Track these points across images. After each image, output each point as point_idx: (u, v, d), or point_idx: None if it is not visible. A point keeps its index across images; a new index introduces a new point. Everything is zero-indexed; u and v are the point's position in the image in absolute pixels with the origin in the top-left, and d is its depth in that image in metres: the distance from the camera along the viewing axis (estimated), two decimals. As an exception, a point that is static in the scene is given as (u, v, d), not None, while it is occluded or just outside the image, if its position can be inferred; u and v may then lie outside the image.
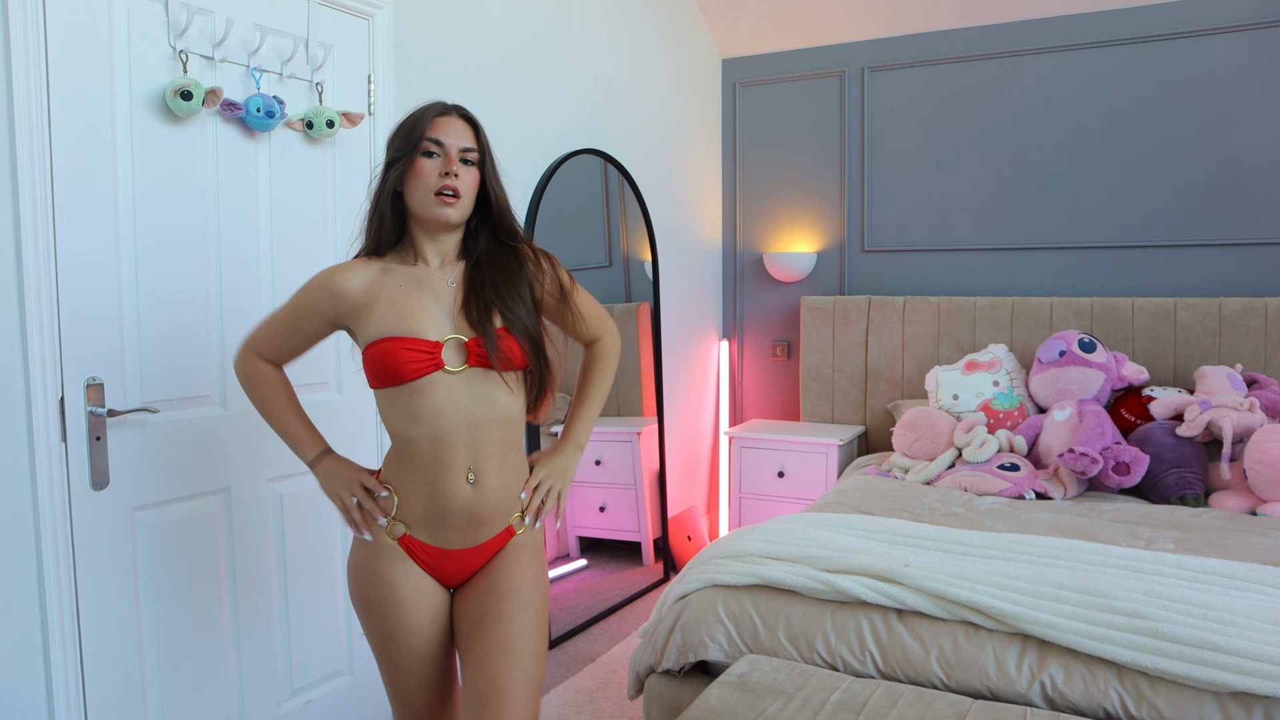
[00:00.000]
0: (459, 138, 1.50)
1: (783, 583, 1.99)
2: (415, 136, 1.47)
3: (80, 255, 1.80)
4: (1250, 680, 1.55)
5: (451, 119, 1.51)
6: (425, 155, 1.48)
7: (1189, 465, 2.83)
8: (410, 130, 1.49)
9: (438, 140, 1.48)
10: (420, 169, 1.48)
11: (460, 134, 1.50)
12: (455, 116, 1.52)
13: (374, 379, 1.47)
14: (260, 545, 2.18)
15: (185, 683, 2.02)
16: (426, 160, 1.48)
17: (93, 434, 1.82)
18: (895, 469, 3.21)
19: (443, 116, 1.50)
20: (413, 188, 1.49)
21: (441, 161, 1.48)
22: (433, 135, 1.48)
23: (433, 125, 1.48)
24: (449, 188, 1.47)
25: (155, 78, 1.90)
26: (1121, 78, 3.46)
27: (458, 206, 1.49)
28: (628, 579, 3.59)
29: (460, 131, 1.50)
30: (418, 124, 1.48)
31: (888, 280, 3.93)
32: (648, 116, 3.70)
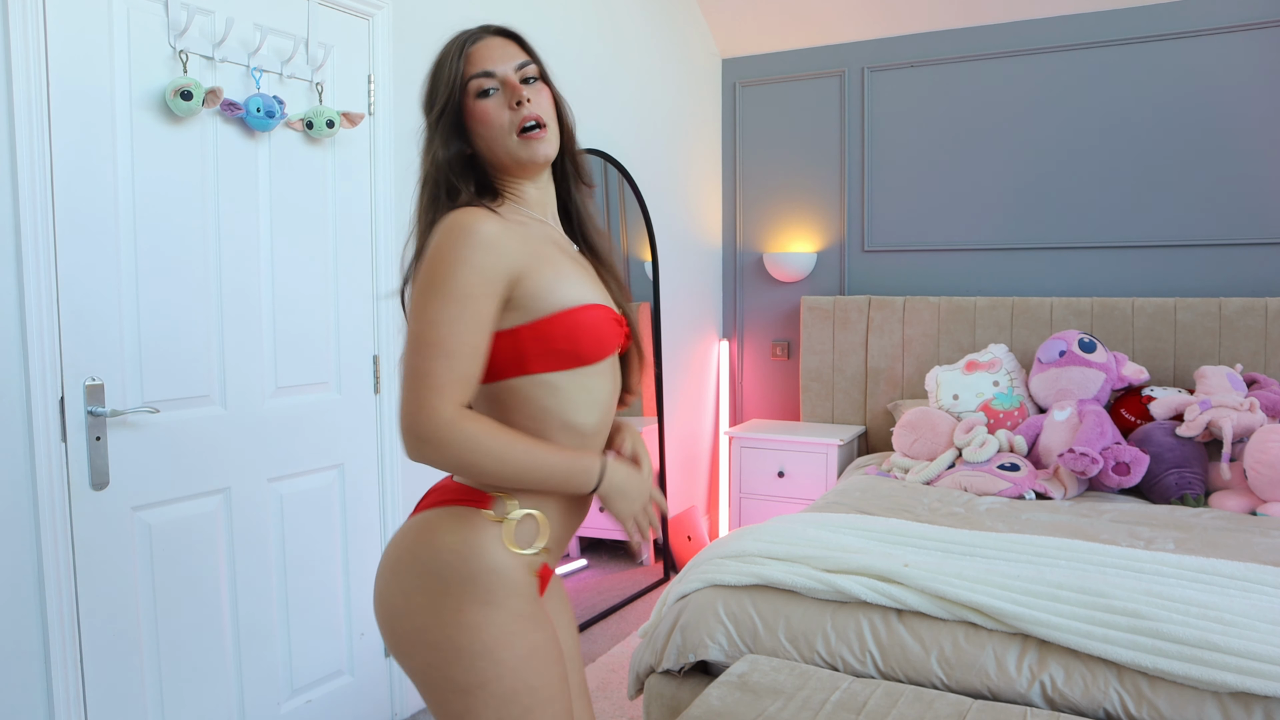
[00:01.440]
0: (508, 58, 1.21)
1: (783, 583, 1.99)
2: (454, 79, 1.19)
3: (80, 255, 1.80)
4: (1250, 680, 1.55)
5: (488, 41, 1.22)
6: (480, 96, 1.20)
7: (1189, 465, 2.83)
8: (444, 75, 1.20)
9: (486, 71, 1.20)
10: (483, 115, 1.19)
11: (507, 53, 1.22)
12: (491, 37, 1.23)
13: (561, 357, 1.16)
14: (260, 545, 2.18)
15: (185, 683, 2.02)
16: (484, 101, 1.20)
17: (93, 434, 1.82)
18: (895, 469, 3.21)
19: (477, 44, 1.21)
20: (484, 140, 1.20)
21: (505, 94, 1.20)
22: (477, 70, 1.19)
23: (469, 59, 1.20)
24: (530, 119, 1.19)
25: (155, 78, 1.90)
26: (1121, 78, 3.46)
27: (548, 137, 1.22)
28: (628, 579, 3.59)
29: (504, 50, 1.22)
30: (451, 66, 1.20)
31: (888, 280, 3.93)
32: (648, 116, 3.70)
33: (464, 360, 1.09)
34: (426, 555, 1.16)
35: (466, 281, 1.09)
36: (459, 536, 1.15)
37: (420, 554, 1.16)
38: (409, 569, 1.16)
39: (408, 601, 1.15)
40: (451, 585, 1.13)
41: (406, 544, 1.18)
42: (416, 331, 1.09)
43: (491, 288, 1.11)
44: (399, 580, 1.16)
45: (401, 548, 1.19)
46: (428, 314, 1.09)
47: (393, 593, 1.16)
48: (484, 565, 1.14)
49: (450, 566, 1.14)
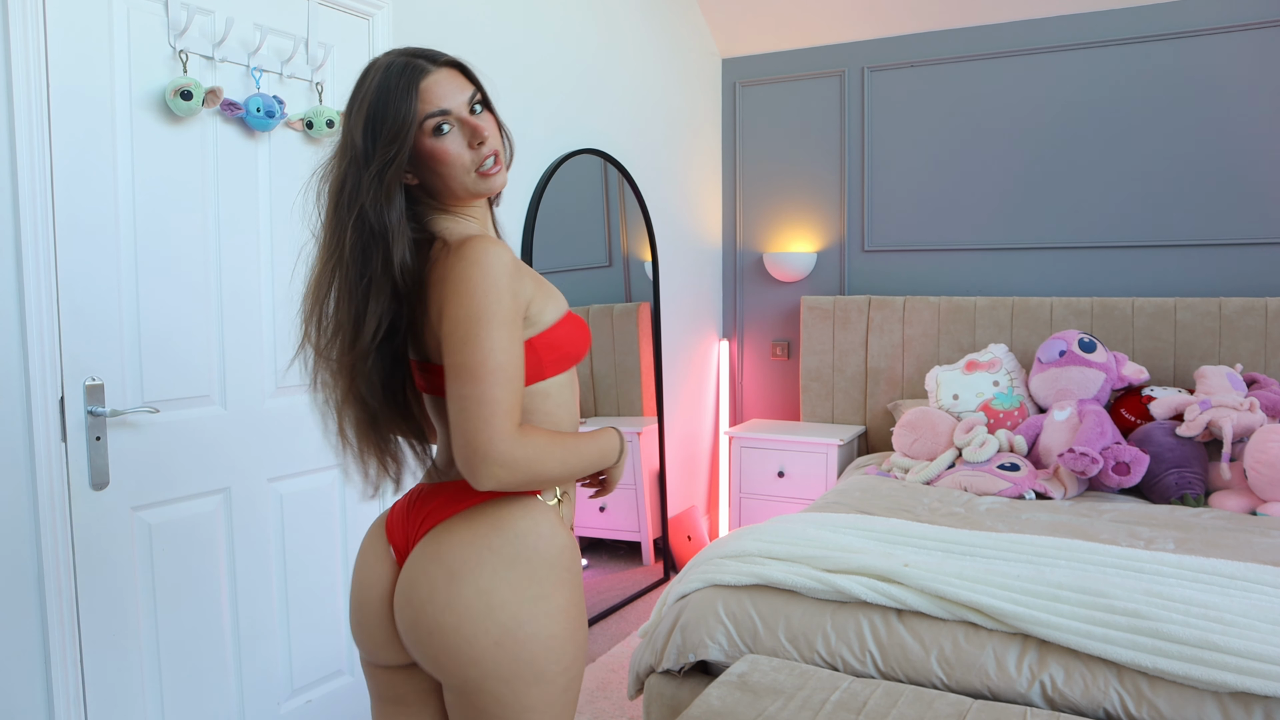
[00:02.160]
0: (458, 91, 1.19)
1: (783, 583, 1.99)
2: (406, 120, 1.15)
3: (80, 255, 1.80)
4: (1250, 680, 1.55)
5: (438, 75, 1.18)
6: (435, 133, 1.17)
7: (1189, 465, 2.83)
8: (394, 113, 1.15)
9: (441, 110, 1.17)
10: (442, 154, 1.18)
11: (456, 86, 1.19)
12: (440, 69, 1.19)
13: (564, 360, 1.24)
14: (260, 545, 2.18)
15: (185, 682, 2.02)
16: (441, 140, 1.17)
17: (93, 434, 1.82)
18: (895, 469, 3.21)
19: (425, 79, 1.17)
20: (440, 176, 1.20)
21: (464, 132, 1.19)
22: (433, 108, 1.16)
23: (422, 96, 1.16)
24: (490, 156, 1.20)
25: (155, 78, 1.90)
26: (1121, 78, 3.46)
27: (502, 167, 1.24)
28: (628, 579, 3.59)
29: (455, 83, 1.20)
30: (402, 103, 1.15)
31: (888, 280, 3.93)
32: (648, 116, 3.70)
33: (518, 382, 1.13)
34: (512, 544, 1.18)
35: (509, 308, 1.13)
36: (531, 521, 1.20)
37: (505, 544, 1.17)
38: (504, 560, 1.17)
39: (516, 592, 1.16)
40: (539, 571, 1.18)
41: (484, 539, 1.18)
42: (475, 361, 1.10)
43: (521, 312, 1.17)
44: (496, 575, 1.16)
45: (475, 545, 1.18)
46: (483, 343, 1.10)
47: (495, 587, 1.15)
48: (559, 546, 1.21)
49: (536, 551, 1.18)
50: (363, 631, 1.28)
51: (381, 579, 1.26)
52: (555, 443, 1.18)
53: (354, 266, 1.16)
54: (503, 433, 1.10)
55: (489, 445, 1.09)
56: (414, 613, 1.17)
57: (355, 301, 1.17)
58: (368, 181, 1.15)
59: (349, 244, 1.16)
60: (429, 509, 1.24)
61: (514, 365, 1.12)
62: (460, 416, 1.10)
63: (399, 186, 1.17)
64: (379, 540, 1.29)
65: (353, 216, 1.15)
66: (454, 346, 1.11)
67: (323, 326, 1.21)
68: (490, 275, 1.12)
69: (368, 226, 1.15)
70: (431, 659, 1.17)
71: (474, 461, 1.10)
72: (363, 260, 1.16)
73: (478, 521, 1.19)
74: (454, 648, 1.15)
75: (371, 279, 1.16)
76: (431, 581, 1.17)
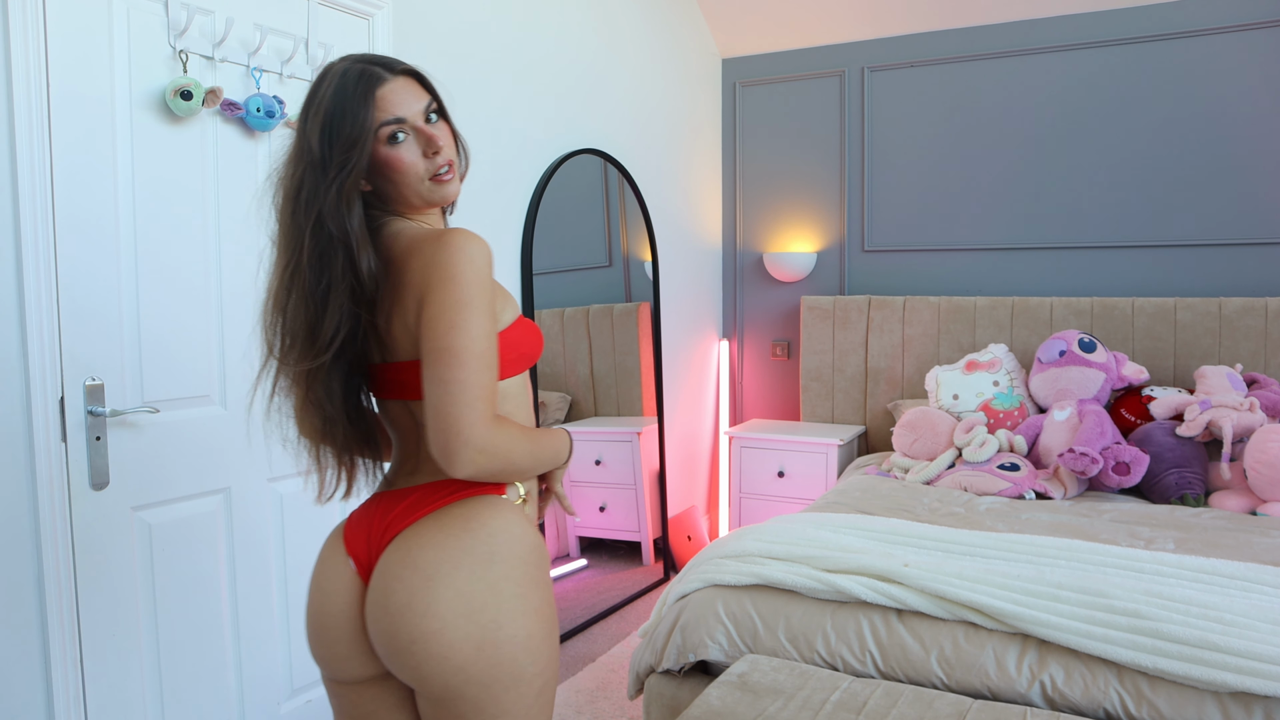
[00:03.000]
0: (414, 99, 1.20)
1: (783, 583, 1.99)
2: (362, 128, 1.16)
3: (80, 255, 1.80)
4: (1250, 680, 1.55)
5: (395, 84, 1.19)
6: (390, 141, 1.18)
7: (1189, 465, 2.83)
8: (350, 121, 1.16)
9: (398, 118, 1.18)
10: (396, 163, 1.19)
11: (412, 95, 1.20)
12: (396, 77, 1.20)
13: (518, 362, 1.25)
14: (260, 545, 2.18)
15: (185, 683, 2.02)
16: (396, 149, 1.19)
17: (92, 434, 1.82)
18: (895, 469, 3.21)
19: (381, 88, 1.18)
20: (394, 184, 1.21)
21: (419, 140, 1.20)
22: (388, 116, 1.18)
23: (378, 104, 1.17)
24: (444, 165, 1.22)
25: (155, 78, 1.90)
26: (1121, 78, 3.46)
27: (457, 177, 1.26)
28: (628, 579, 3.59)
29: (411, 92, 1.20)
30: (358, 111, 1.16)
31: (888, 280, 3.93)
32: (648, 116, 3.70)
33: (496, 370, 1.15)
34: (486, 542, 1.17)
35: (489, 297, 1.14)
36: (503, 520, 1.19)
37: (479, 543, 1.16)
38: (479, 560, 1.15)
39: (495, 593, 1.15)
40: (515, 570, 1.17)
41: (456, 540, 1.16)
42: (460, 345, 1.10)
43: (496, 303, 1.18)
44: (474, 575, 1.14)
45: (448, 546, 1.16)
46: (469, 328, 1.11)
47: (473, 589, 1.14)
48: (530, 544, 1.21)
49: (510, 550, 1.18)
50: (325, 647, 1.25)
51: (341, 591, 1.23)
52: (524, 435, 1.19)
53: (311, 273, 1.16)
54: (484, 417, 1.10)
55: (470, 429, 1.09)
56: (392, 621, 1.14)
57: (313, 307, 1.17)
58: (326, 188, 1.15)
59: (307, 250, 1.16)
60: (392, 515, 1.22)
61: (494, 353, 1.13)
62: (442, 400, 1.10)
63: (357, 193, 1.17)
64: (337, 552, 1.26)
65: (310, 223, 1.15)
66: (439, 331, 1.11)
67: (283, 333, 1.20)
68: (475, 263, 1.13)
69: (326, 232, 1.15)
70: (412, 669, 1.15)
71: (454, 445, 1.10)
72: (320, 266, 1.16)
73: (448, 523, 1.18)
74: (436, 654, 1.13)
75: (330, 284, 1.16)
76: (408, 587, 1.14)
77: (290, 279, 1.18)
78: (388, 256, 1.21)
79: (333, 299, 1.16)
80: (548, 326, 3.20)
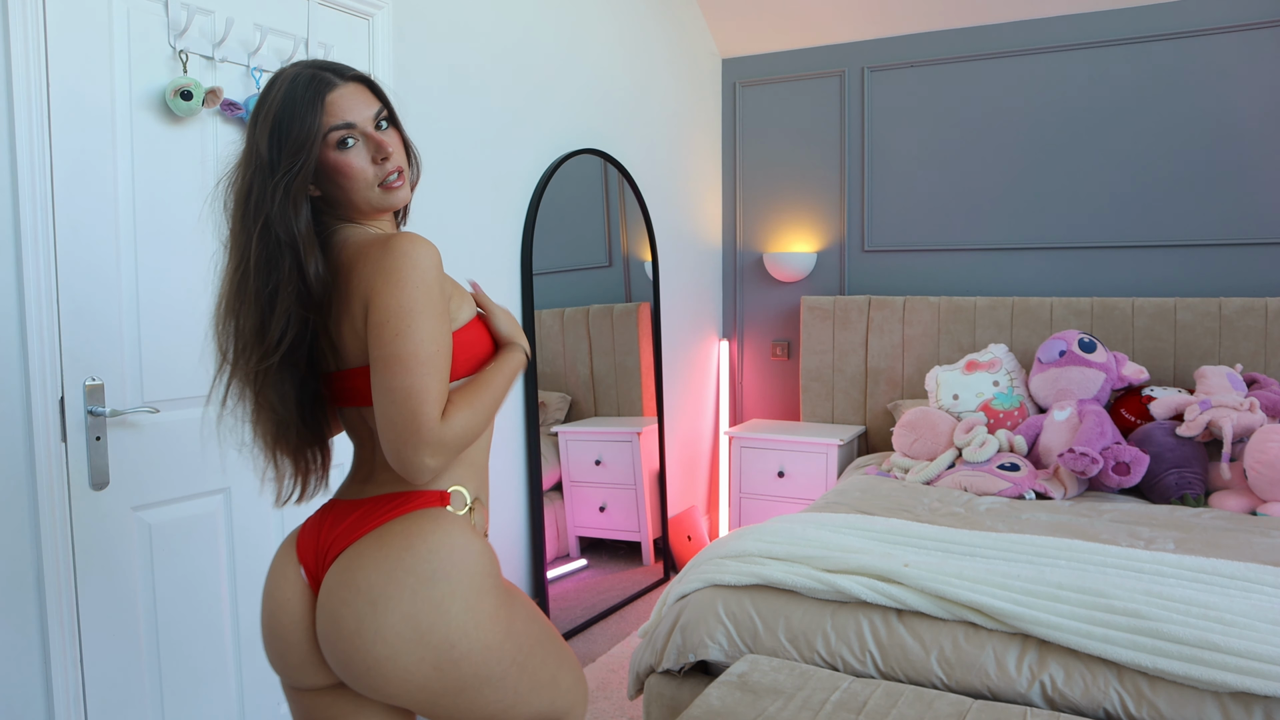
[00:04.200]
0: (364, 106, 1.21)
1: (783, 583, 1.99)
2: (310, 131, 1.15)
3: (80, 255, 1.80)
4: (1250, 680, 1.55)
5: (345, 89, 1.20)
6: (339, 147, 1.18)
7: (1189, 465, 2.83)
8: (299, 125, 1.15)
9: (346, 124, 1.18)
10: (345, 167, 1.19)
11: (362, 101, 1.21)
12: (347, 83, 1.21)
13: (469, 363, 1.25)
14: (260, 545, 2.18)
15: (185, 683, 2.02)
16: (344, 154, 1.19)
17: (92, 434, 1.82)
18: (895, 469, 3.21)
19: (332, 93, 1.18)
20: (343, 190, 1.21)
21: (368, 146, 1.20)
22: (337, 121, 1.17)
23: (328, 109, 1.17)
24: (393, 171, 1.22)
25: (155, 78, 1.90)
26: (1121, 78, 3.46)
27: (407, 184, 1.26)
28: (628, 579, 3.59)
29: (360, 98, 1.21)
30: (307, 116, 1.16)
31: (888, 280, 3.93)
32: (648, 116, 3.70)
33: (447, 372, 1.15)
34: (427, 560, 1.15)
35: (439, 300, 1.15)
36: (443, 534, 1.18)
37: (420, 562, 1.15)
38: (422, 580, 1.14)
39: (442, 612, 1.14)
40: (459, 584, 1.16)
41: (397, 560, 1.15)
42: (407, 352, 1.11)
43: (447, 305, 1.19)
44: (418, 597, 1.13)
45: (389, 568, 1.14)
46: (415, 334, 1.11)
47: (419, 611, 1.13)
48: (474, 554, 1.20)
49: (453, 564, 1.17)
50: (279, 657, 1.25)
51: (293, 601, 1.23)
52: (474, 400, 1.19)
53: (258, 276, 1.16)
54: (431, 422, 1.11)
55: (419, 435, 1.10)
56: (345, 648, 1.14)
57: (261, 311, 1.17)
58: (273, 191, 1.15)
59: (254, 254, 1.16)
60: (339, 530, 1.21)
61: (443, 356, 1.14)
62: (391, 409, 1.10)
63: (305, 197, 1.17)
64: (289, 561, 1.25)
65: (258, 226, 1.15)
66: (385, 338, 1.11)
67: (235, 337, 1.20)
68: (419, 268, 1.12)
69: (274, 236, 1.15)
70: (378, 690, 1.15)
71: (405, 454, 1.10)
72: (267, 269, 1.16)
73: (388, 542, 1.17)
74: (395, 678, 1.13)
75: (278, 287, 1.16)
76: (356, 614, 1.14)
77: (240, 283, 1.19)
78: (336, 263, 1.21)
79: (280, 302, 1.16)
80: (548, 326, 3.20)
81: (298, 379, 1.22)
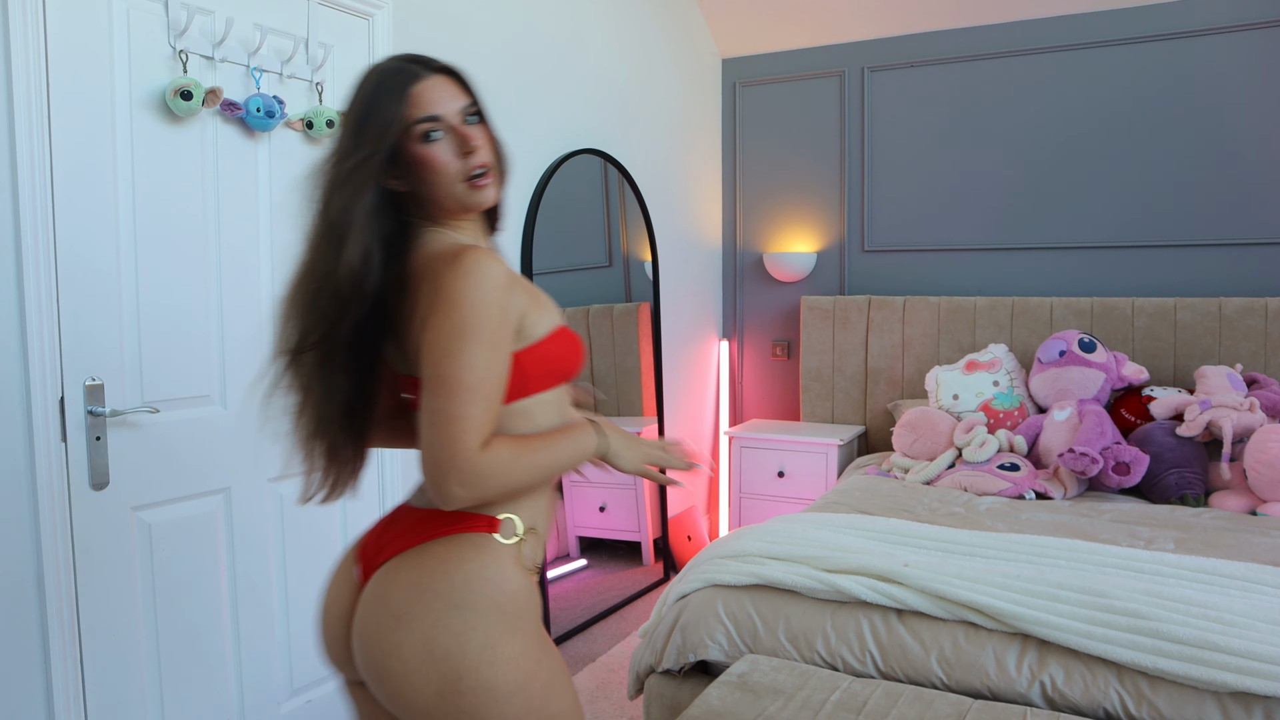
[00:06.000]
0: (451, 99, 1.17)
1: (783, 583, 1.99)
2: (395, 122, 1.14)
3: (80, 255, 1.80)
4: (1250, 680, 1.55)
5: (431, 81, 1.17)
6: (424, 140, 1.15)
7: (1189, 465, 2.83)
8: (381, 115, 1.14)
9: (433, 116, 1.15)
10: (430, 161, 1.15)
11: (449, 94, 1.18)
12: (432, 77, 1.18)
13: (551, 376, 1.20)
14: (260, 545, 2.18)
15: (185, 683, 2.02)
16: (430, 146, 1.15)
17: (92, 434, 1.82)
18: (895, 469, 3.21)
19: (418, 84, 1.15)
20: (427, 184, 1.17)
21: (454, 141, 1.16)
22: (422, 113, 1.15)
23: (412, 101, 1.14)
24: (480, 167, 1.17)
25: (155, 78, 1.90)
26: (1121, 78, 3.46)
27: (495, 182, 1.21)
28: (628, 579, 3.59)
29: (447, 91, 1.18)
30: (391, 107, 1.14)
31: (888, 280, 3.93)
32: (648, 116, 3.70)
33: (494, 401, 1.10)
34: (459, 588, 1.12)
35: (496, 324, 1.10)
36: (481, 564, 1.14)
37: (451, 589, 1.12)
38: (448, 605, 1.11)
39: (459, 642, 1.10)
40: (485, 618, 1.12)
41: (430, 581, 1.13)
42: (453, 376, 1.07)
43: (510, 327, 1.13)
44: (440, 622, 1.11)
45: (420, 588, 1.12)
46: (463, 358, 1.07)
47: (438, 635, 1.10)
48: (509, 590, 1.14)
49: (483, 596, 1.12)
50: (327, 649, 1.26)
51: (341, 600, 1.23)
52: (523, 450, 1.13)
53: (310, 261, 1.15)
54: (466, 450, 1.06)
55: (451, 462, 1.06)
56: (364, 652, 1.15)
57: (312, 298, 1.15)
58: (339, 172, 1.13)
59: (314, 237, 1.15)
60: (390, 536, 1.20)
61: (491, 384, 1.09)
62: (429, 431, 1.08)
63: (371, 184, 1.13)
64: (349, 559, 1.26)
65: (320, 208, 1.15)
66: (434, 359, 1.08)
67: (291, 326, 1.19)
68: (479, 289, 1.08)
69: (327, 216, 1.14)
70: (385, 698, 1.14)
71: (437, 479, 1.07)
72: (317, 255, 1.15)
73: (426, 561, 1.15)
74: (400, 694, 1.12)
75: (322, 274, 1.13)
76: (380, 624, 1.13)
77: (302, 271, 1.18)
78: (410, 268, 1.18)
79: (322, 291, 1.14)
80: (548, 326, 3.20)
81: (351, 378, 1.19)
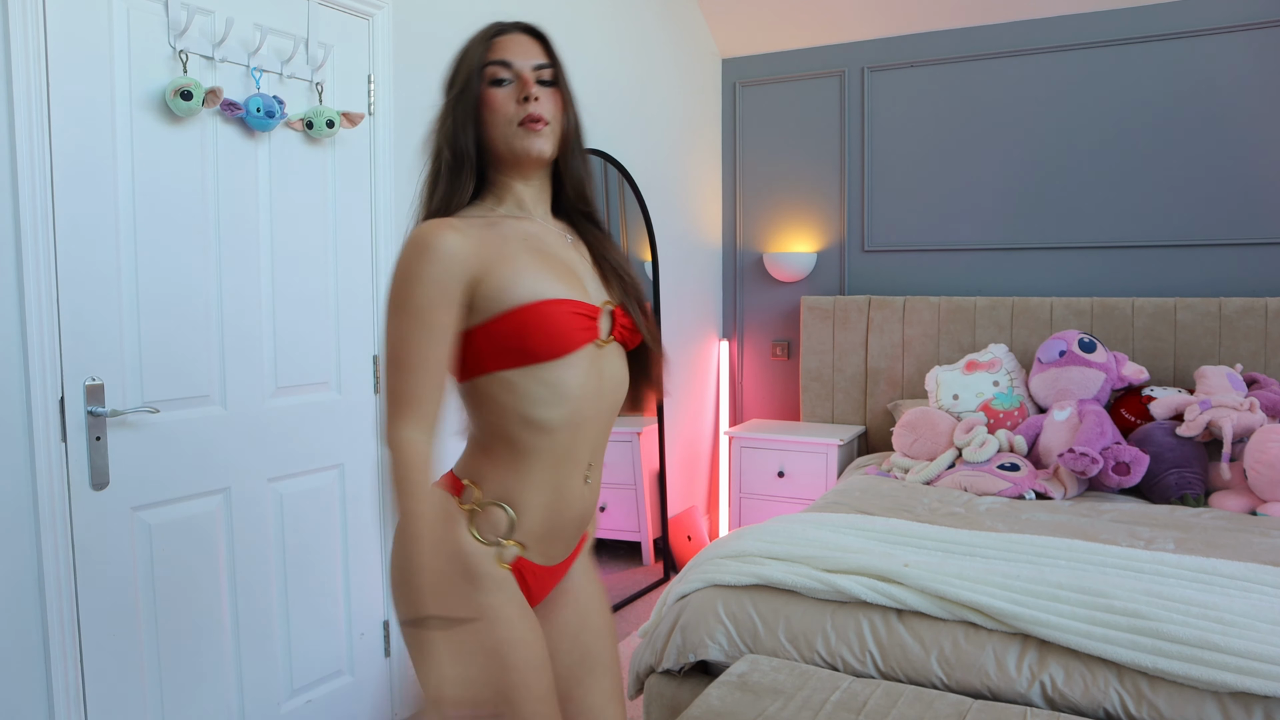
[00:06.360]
0: (527, 53, 1.25)
1: (783, 583, 1.99)
2: (475, 63, 1.22)
3: (80, 255, 1.80)
4: (1250, 680, 1.55)
5: (515, 36, 1.26)
6: (494, 84, 1.23)
7: (1189, 465, 2.83)
8: (467, 59, 1.24)
9: (504, 61, 1.23)
10: (492, 101, 1.22)
11: (529, 50, 1.25)
12: (519, 33, 1.27)
13: (511, 355, 1.17)
14: (260, 545, 2.18)
15: (185, 683, 2.02)
16: (496, 89, 1.23)
17: (93, 434, 1.82)
18: (895, 469, 3.21)
19: (503, 35, 1.25)
20: (489, 126, 1.23)
21: (516, 87, 1.23)
22: (496, 57, 1.23)
23: (493, 47, 1.24)
24: (535, 115, 1.22)
25: (155, 78, 1.90)
26: (1121, 78, 3.46)
27: (546, 134, 1.23)
28: (628, 579, 3.59)
29: (525, 46, 1.26)
30: (474, 51, 1.24)
31: (888, 280, 3.93)
32: (648, 116, 3.70)
33: (425, 374, 1.12)
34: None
35: (424, 296, 1.12)
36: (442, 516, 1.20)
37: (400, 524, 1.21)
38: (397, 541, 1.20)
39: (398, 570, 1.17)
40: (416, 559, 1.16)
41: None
42: (385, 348, 1.14)
43: (448, 298, 1.13)
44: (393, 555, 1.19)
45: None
46: (391, 331, 1.13)
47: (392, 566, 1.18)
48: (457, 548, 1.20)
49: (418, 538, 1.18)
50: None
51: None
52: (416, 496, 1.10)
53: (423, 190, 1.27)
54: (388, 419, 1.12)
55: (383, 428, 1.12)
56: None
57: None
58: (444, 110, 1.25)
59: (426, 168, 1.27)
60: None
61: (420, 357, 1.11)
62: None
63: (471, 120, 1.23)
64: None
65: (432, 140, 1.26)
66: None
67: None
68: (412, 262, 1.12)
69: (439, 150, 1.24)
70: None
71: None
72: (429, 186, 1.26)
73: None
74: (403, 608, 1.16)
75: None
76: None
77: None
78: None
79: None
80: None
81: None
